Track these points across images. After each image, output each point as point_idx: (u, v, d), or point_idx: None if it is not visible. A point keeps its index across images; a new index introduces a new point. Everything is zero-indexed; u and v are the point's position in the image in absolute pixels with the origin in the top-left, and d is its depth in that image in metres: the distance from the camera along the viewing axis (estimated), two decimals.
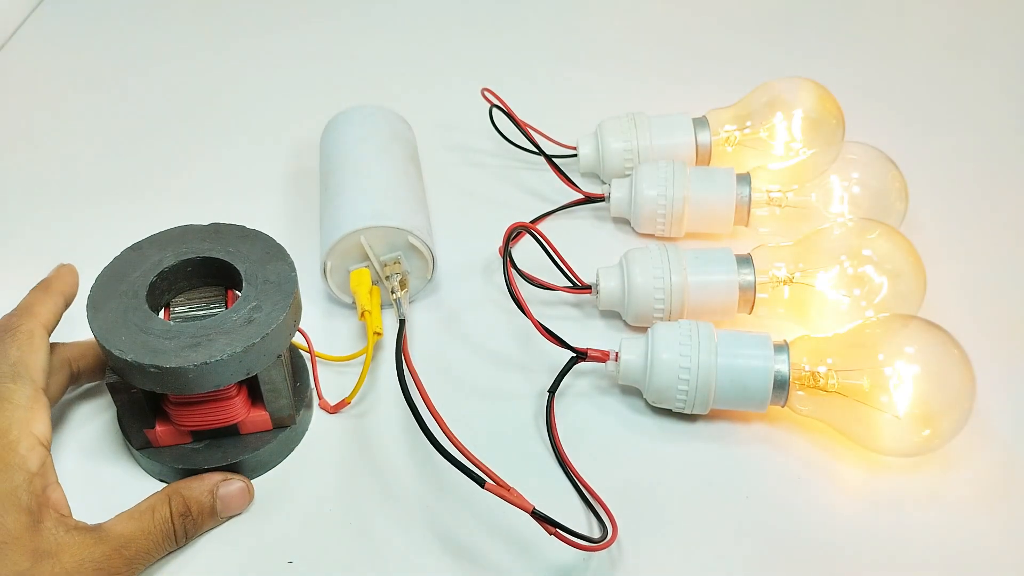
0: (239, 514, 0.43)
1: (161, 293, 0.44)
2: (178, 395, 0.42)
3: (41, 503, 0.38)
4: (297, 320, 0.43)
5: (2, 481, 0.37)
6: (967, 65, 0.75)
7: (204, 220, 0.46)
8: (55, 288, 0.45)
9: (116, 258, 0.44)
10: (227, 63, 0.78)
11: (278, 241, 0.45)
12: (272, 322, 0.40)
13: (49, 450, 0.40)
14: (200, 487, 0.42)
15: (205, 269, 0.44)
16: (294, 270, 0.43)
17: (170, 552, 0.41)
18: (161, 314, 0.44)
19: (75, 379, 0.45)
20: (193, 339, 0.40)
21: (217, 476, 0.43)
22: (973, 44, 0.78)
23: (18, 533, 0.36)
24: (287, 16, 0.83)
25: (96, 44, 0.81)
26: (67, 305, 0.45)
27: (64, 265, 0.47)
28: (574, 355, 0.47)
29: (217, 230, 0.45)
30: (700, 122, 0.61)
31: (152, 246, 0.44)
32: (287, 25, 0.82)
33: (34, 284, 0.46)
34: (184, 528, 0.41)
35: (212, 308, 0.44)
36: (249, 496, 0.43)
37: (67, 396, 0.48)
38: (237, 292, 0.44)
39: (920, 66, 0.75)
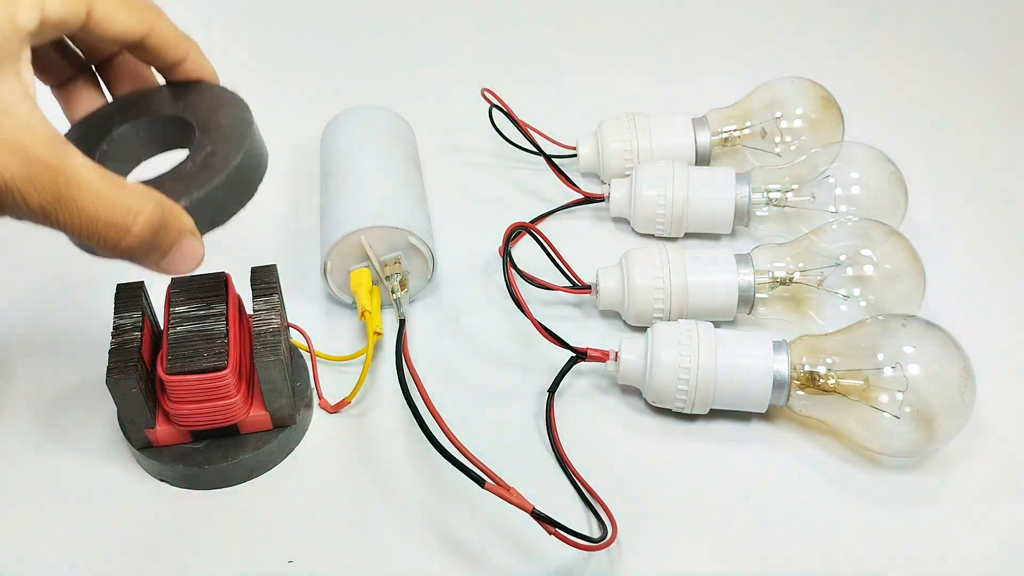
0: (169, 270, 0.37)
1: (118, 166, 0.40)
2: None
3: (8, 52, 0.32)
4: (261, 164, 0.40)
5: None
6: (967, 65, 0.75)
7: None
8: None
9: (64, 135, 0.39)
10: (227, 63, 0.77)
11: (232, 90, 0.42)
12: (229, 162, 0.37)
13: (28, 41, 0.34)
14: (180, 220, 0.35)
15: (159, 132, 0.41)
16: (249, 112, 0.40)
17: (81, 247, 0.35)
18: None
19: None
20: None
21: (189, 222, 0.36)
22: (973, 44, 0.78)
23: None
24: (287, 16, 0.83)
25: None
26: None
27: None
28: (574, 355, 0.47)
29: (171, 89, 0.41)
30: (700, 122, 0.61)
31: (100, 115, 0.41)
32: (287, 25, 0.82)
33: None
34: (140, 238, 0.34)
35: (212, 308, 0.44)
36: (197, 263, 0.37)
37: (67, 396, 0.48)
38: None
39: (920, 66, 0.75)
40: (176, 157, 0.39)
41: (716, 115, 0.61)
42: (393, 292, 0.50)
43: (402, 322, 0.49)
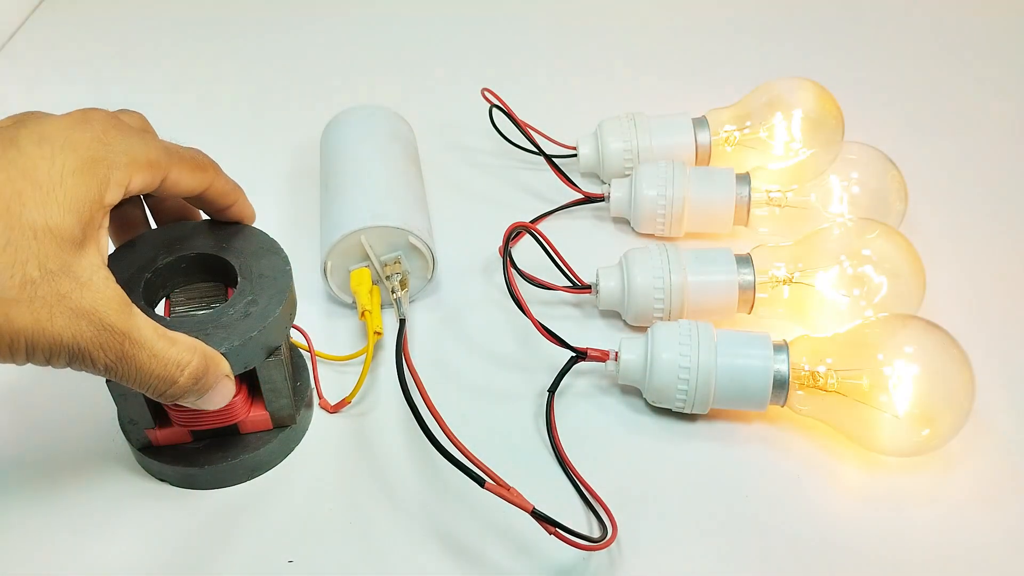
0: (204, 406, 0.39)
1: (156, 290, 0.43)
2: None
3: (93, 224, 0.35)
4: (292, 314, 0.43)
5: (81, 182, 0.35)
6: (967, 65, 0.75)
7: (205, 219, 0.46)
8: (212, 171, 0.42)
9: (110, 256, 0.43)
10: (227, 63, 0.78)
11: (273, 237, 0.45)
12: (268, 315, 0.40)
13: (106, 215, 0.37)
14: (219, 368, 0.39)
15: (199, 265, 0.44)
16: (288, 264, 0.43)
17: (139, 391, 0.37)
18: (161, 308, 0.44)
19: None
20: (192, 333, 0.39)
21: (226, 367, 0.39)
22: (973, 44, 0.78)
23: (63, 232, 0.34)
24: (287, 16, 0.83)
25: (96, 44, 0.81)
26: (209, 198, 0.42)
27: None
28: (574, 355, 0.47)
29: (211, 225, 0.45)
30: (700, 122, 0.61)
31: (145, 243, 0.44)
32: (287, 25, 0.82)
33: None
34: (184, 387, 0.37)
35: (213, 307, 0.44)
36: (228, 400, 0.40)
37: (67, 396, 0.48)
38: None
39: (920, 66, 0.75)
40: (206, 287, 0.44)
41: (716, 115, 0.61)
42: (393, 292, 0.50)
43: (402, 322, 0.49)
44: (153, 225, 0.46)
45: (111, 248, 0.42)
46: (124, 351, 0.35)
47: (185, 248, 0.44)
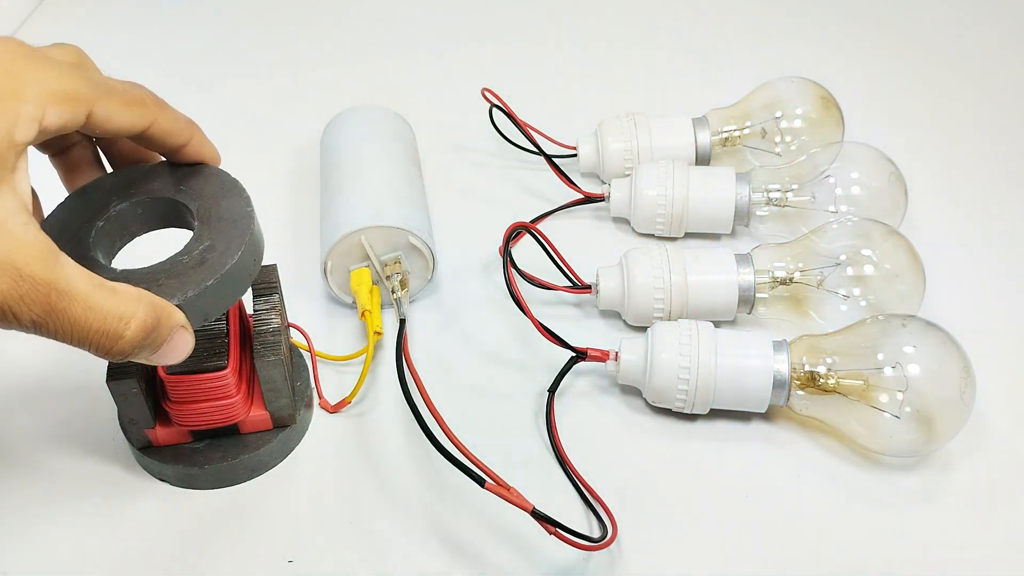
0: (161, 361, 0.36)
1: (112, 239, 0.40)
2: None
3: (4, 166, 0.32)
4: (257, 260, 0.40)
5: None
6: (967, 65, 0.75)
7: None
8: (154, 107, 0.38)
9: (60, 205, 0.40)
10: (227, 63, 0.78)
11: (235, 177, 0.42)
12: (227, 262, 0.37)
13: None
14: (172, 319, 0.35)
15: (157, 211, 0.41)
16: (250, 205, 0.40)
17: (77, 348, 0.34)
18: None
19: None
20: (142, 285, 0.36)
21: (180, 317, 0.36)
22: (973, 44, 0.78)
23: None
24: (287, 16, 0.83)
25: (96, 45, 0.81)
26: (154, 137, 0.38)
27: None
28: (574, 355, 0.47)
29: (170, 168, 0.41)
30: (700, 122, 0.61)
31: (98, 189, 0.40)
32: (287, 25, 0.82)
33: None
34: (132, 342, 0.34)
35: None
36: (186, 354, 0.37)
37: (67, 396, 0.48)
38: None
39: (920, 66, 0.75)
40: (170, 234, 0.39)
41: (716, 115, 0.61)
42: (393, 292, 0.50)
43: (402, 322, 0.49)
44: (108, 169, 0.42)
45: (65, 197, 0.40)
46: (52, 304, 0.31)
47: (140, 193, 0.40)
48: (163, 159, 0.42)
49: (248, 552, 0.42)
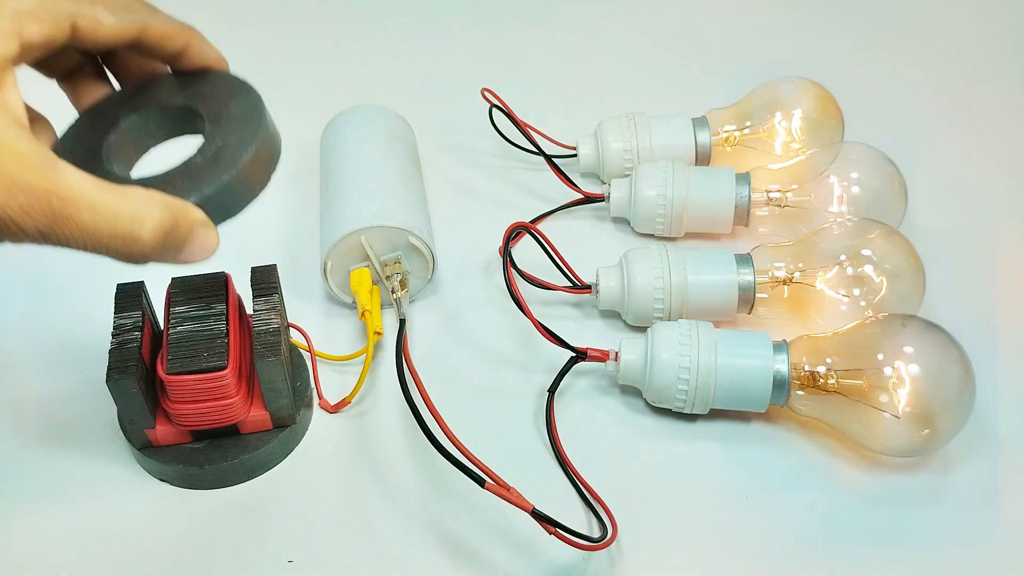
0: (187, 260, 0.36)
1: (128, 153, 0.40)
2: None
3: None
4: (275, 153, 0.39)
5: None
6: (967, 65, 0.75)
7: None
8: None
9: (71, 125, 0.40)
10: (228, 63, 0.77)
11: (243, 78, 0.41)
12: (242, 156, 0.36)
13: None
14: (190, 216, 0.35)
15: (168, 121, 0.40)
16: (260, 101, 0.39)
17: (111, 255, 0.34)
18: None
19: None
20: (157, 188, 0.35)
21: (200, 215, 0.35)
22: (973, 43, 0.78)
23: None
24: (287, 16, 0.83)
25: None
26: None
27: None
28: (574, 355, 0.47)
29: (177, 77, 0.41)
30: (700, 122, 0.61)
31: (107, 106, 0.40)
32: (287, 25, 0.82)
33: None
34: (152, 244, 0.33)
35: (212, 308, 0.44)
36: (212, 251, 0.37)
37: (67, 396, 0.48)
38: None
39: (920, 66, 0.75)
40: (187, 143, 0.39)
41: (716, 115, 0.61)
42: (393, 292, 0.50)
43: (402, 322, 0.49)
44: (117, 86, 0.41)
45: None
46: (56, 211, 0.31)
47: (149, 103, 0.40)
48: (169, 70, 0.41)
49: (248, 552, 0.42)
